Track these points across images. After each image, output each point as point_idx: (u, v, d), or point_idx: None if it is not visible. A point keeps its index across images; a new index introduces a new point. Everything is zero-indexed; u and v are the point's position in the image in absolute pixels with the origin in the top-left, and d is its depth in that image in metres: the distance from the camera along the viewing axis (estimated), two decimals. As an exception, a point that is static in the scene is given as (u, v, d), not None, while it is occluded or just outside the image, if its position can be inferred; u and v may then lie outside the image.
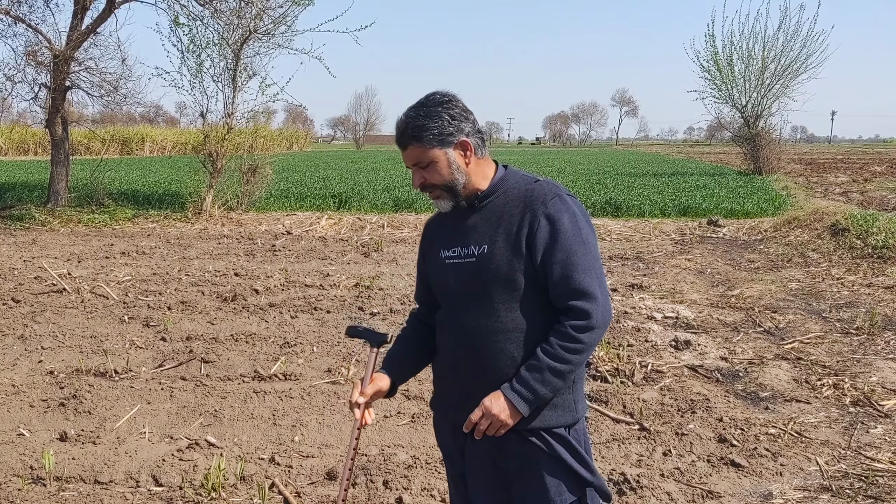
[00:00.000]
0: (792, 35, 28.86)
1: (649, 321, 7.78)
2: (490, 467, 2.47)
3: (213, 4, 15.53)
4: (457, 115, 2.42)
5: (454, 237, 2.49)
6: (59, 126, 17.10)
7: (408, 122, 2.41)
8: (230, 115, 16.47)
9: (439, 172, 2.41)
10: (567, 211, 2.36)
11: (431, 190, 2.45)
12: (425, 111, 2.40)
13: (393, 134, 2.48)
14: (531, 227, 2.34)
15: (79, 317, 7.81)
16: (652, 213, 16.79)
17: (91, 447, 4.69)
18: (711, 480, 4.30)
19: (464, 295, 2.43)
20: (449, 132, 2.40)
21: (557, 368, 2.30)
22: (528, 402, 2.31)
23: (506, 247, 2.36)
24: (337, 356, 6.51)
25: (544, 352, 2.31)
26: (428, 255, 2.62)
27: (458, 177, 2.42)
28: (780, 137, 32.77)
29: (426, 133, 2.38)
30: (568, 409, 2.43)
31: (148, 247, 12.65)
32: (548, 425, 2.40)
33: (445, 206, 2.47)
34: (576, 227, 2.35)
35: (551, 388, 2.32)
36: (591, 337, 2.31)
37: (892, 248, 10.59)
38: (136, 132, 59.79)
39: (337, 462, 4.48)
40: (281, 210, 17.43)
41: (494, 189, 2.47)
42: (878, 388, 5.74)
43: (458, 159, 2.42)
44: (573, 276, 2.31)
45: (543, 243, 2.33)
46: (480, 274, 2.39)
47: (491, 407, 2.32)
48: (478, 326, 2.40)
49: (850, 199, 19.39)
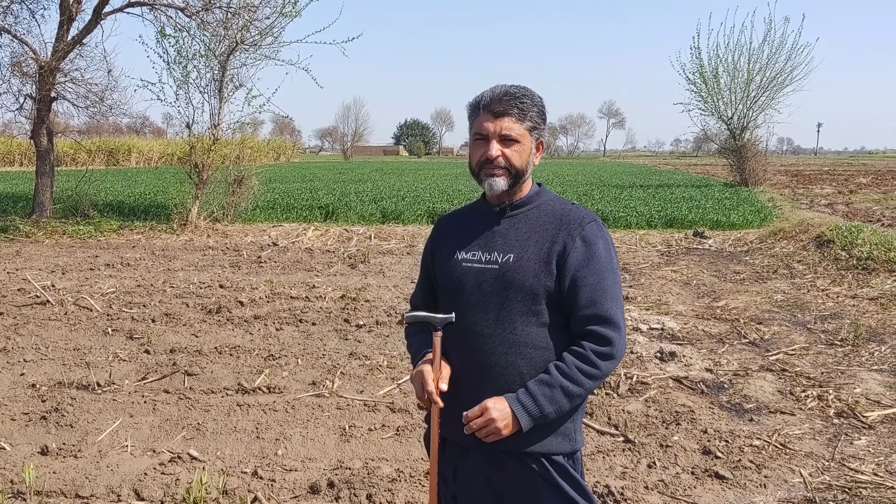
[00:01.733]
0: (777, 47, 29.19)
1: (635, 332, 7.78)
2: (484, 488, 2.38)
3: (200, 16, 15.51)
4: (545, 116, 2.42)
5: (475, 241, 2.42)
6: (45, 137, 17.02)
7: (514, 94, 2.34)
8: (216, 126, 16.45)
9: (520, 154, 2.35)
10: (603, 238, 2.35)
11: (499, 168, 2.34)
12: (530, 94, 2.37)
13: (380, 145, 2.45)
14: (565, 247, 2.30)
15: (62, 329, 7.75)
16: (638, 224, 16.85)
17: (73, 461, 4.65)
18: (695, 493, 4.29)
19: (480, 302, 2.35)
20: (540, 127, 2.40)
21: (569, 390, 2.23)
22: (531, 417, 2.23)
23: (535, 260, 2.31)
24: (322, 369, 6.48)
25: (559, 370, 2.25)
26: (439, 255, 2.52)
27: (528, 168, 2.39)
28: (765, 149, 33.07)
29: (531, 113, 2.35)
30: (568, 437, 2.36)
31: (133, 258, 12.58)
32: (548, 451, 2.33)
33: (501, 186, 2.35)
34: (609, 254, 2.33)
35: (558, 408, 2.24)
36: (608, 366, 2.27)
37: (877, 259, 10.65)
38: (123, 143, 59.57)
39: (321, 475, 4.45)
40: (267, 221, 17.39)
41: (529, 200, 2.43)
42: (861, 399, 5.76)
43: (534, 154, 2.41)
44: (602, 301, 2.27)
45: (576, 264, 2.29)
46: (502, 283, 2.32)
47: (492, 410, 2.22)
48: (492, 335, 2.32)
49: (835, 211, 19.52)
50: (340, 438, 5.02)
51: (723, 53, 30.20)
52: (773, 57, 29.30)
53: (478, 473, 2.39)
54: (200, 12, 15.51)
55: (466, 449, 2.40)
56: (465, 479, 2.43)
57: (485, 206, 2.47)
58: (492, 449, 2.32)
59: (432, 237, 2.62)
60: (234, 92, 16.58)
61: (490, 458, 2.35)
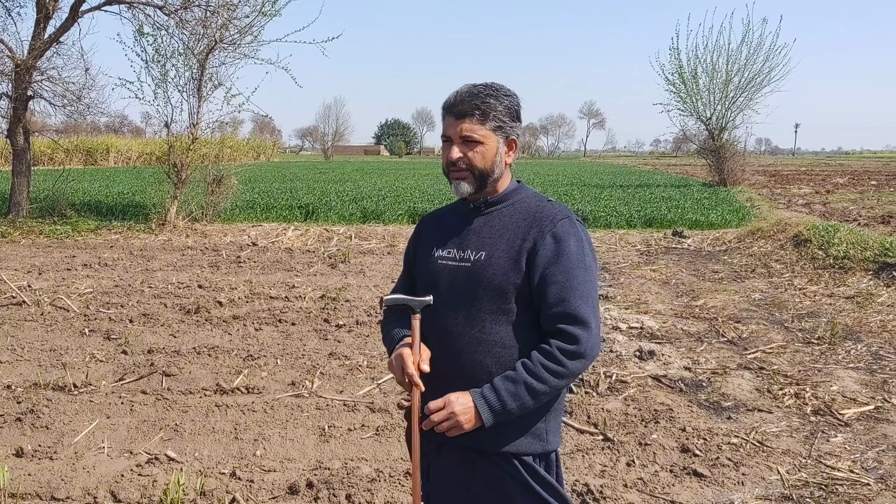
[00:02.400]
0: (755, 48, 29.49)
1: (614, 331, 7.81)
2: (456, 487, 2.39)
3: (179, 14, 15.41)
4: (517, 112, 2.39)
5: (451, 238, 2.42)
6: (21, 136, 16.84)
7: (476, 94, 2.32)
8: (195, 125, 16.32)
9: (483, 156, 2.33)
10: (575, 235, 2.31)
11: (461, 171, 2.34)
12: (496, 94, 2.34)
13: (361, 144, 2.43)
14: (535, 244, 2.29)
15: (38, 330, 7.67)
16: (618, 224, 16.93)
17: (48, 463, 4.60)
18: (674, 490, 4.31)
19: (452, 300, 2.34)
20: (510, 124, 2.36)
21: (533, 387, 2.21)
22: (493, 412, 2.22)
23: (505, 258, 2.30)
24: (301, 369, 6.46)
25: (524, 366, 2.23)
26: (419, 252, 2.54)
27: (496, 169, 2.36)
28: (744, 149, 33.34)
29: (493, 112, 2.32)
30: (538, 437, 2.35)
31: (110, 258, 12.47)
32: (517, 451, 2.32)
33: (466, 190, 2.37)
34: (581, 252, 2.30)
35: (521, 404, 2.22)
36: (576, 365, 2.23)
37: (853, 258, 10.75)
38: (101, 142, 58.95)
39: (300, 476, 4.43)
40: (247, 221, 17.30)
41: (506, 198, 2.42)
42: (838, 397, 5.81)
43: (503, 153, 2.37)
44: (570, 300, 2.24)
45: (545, 261, 2.27)
46: (473, 281, 2.32)
47: (454, 403, 2.23)
48: (461, 334, 2.32)
49: (812, 211, 19.69)
50: (320, 439, 5.00)
51: (702, 54, 30.54)
52: (751, 58, 29.65)
53: (450, 472, 2.39)
54: (179, 10, 15.41)
55: (440, 447, 2.40)
56: (438, 478, 2.44)
57: (464, 205, 2.47)
58: (464, 448, 2.32)
59: (414, 234, 2.63)
60: (213, 91, 16.46)
61: (461, 456, 2.35)
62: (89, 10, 16.18)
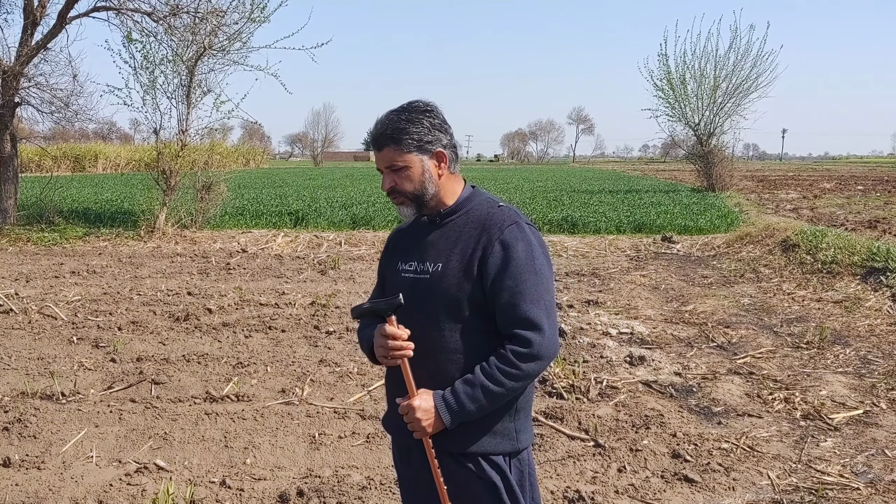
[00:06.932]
0: (742, 54, 29.60)
1: (604, 337, 7.82)
2: (426, 487, 2.41)
3: (167, 20, 15.36)
4: (437, 124, 2.40)
5: (413, 251, 2.46)
6: (8, 143, 16.72)
7: (388, 123, 2.36)
8: (184, 131, 16.28)
9: (411, 179, 2.37)
10: (523, 239, 2.33)
11: (398, 196, 2.40)
12: (407, 115, 2.37)
13: (351, 150, 2.45)
14: (485, 252, 2.32)
15: (25, 338, 7.62)
16: (607, 229, 16.95)
17: (36, 473, 4.56)
18: (665, 496, 4.31)
19: (414, 311, 2.38)
20: (428, 140, 2.37)
21: (490, 389, 2.26)
22: (452, 414, 2.27)
23: (458, 267, 2.34)
24: (291, 376, 6.43)
25: (482, 369, 2.28)
26: (387, 266, 2.60)
27: (429, 187, 2.39)
28: (732, 155, 33.52)
29: (406, 137, 2.34)
30: (508, 437, 2.39)
31: (99, 266, 12.41)
32: (485, 451, 2.36)
33: (408, 213, 2.44)
34: (530, 256, 2.32)
35: (479, 406, 2.27)
36: (531, 367, 2.28)
37: (841, 263, 10.81)
38: (89, 149, 58.75)
39: (290, 484, 4.41)
40: (236, 228, 17.26)
41: (459, 207, 2.44)
42: (827, 401, 5.83)
43: (432, 169, 2.39)
44: (520, 304, 2.28)
45: (495, 269, 2.30)
46: (431, 292, 2.36)
47: (418, 407, 2.29)
48: (425, 343, 2.36)
49: (800, 216, 19.79)
50: (310, 446, 4.98)
51: (690, 60, 30.60)
52: (738, 64, 29.74)
53: (420, 473, 2.42)
54: (168, 17, 15.36)
55: (409, 450, 2.46)
56: (409, 481, 2.50)
57: (426, 218, 2.50)
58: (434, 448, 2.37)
59: (385, 248, 2.68)
60: (202, 97, 16.43)
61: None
62: (77, 16, 16.10)
